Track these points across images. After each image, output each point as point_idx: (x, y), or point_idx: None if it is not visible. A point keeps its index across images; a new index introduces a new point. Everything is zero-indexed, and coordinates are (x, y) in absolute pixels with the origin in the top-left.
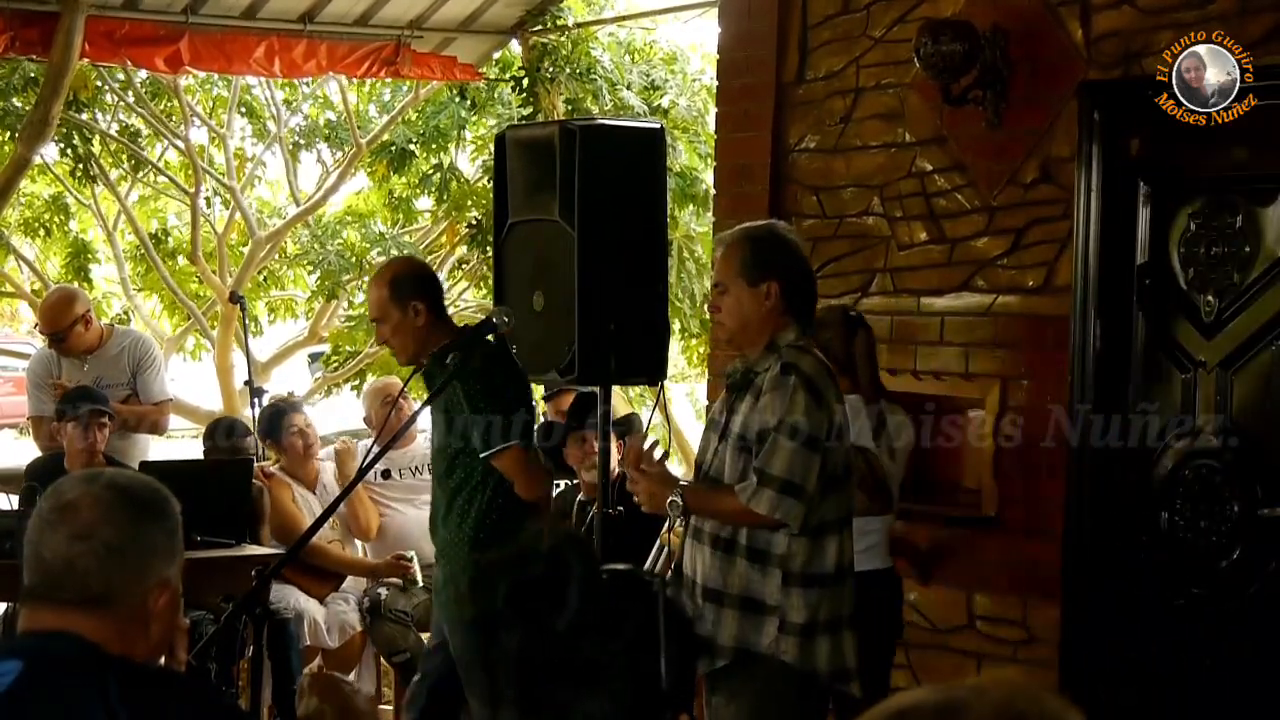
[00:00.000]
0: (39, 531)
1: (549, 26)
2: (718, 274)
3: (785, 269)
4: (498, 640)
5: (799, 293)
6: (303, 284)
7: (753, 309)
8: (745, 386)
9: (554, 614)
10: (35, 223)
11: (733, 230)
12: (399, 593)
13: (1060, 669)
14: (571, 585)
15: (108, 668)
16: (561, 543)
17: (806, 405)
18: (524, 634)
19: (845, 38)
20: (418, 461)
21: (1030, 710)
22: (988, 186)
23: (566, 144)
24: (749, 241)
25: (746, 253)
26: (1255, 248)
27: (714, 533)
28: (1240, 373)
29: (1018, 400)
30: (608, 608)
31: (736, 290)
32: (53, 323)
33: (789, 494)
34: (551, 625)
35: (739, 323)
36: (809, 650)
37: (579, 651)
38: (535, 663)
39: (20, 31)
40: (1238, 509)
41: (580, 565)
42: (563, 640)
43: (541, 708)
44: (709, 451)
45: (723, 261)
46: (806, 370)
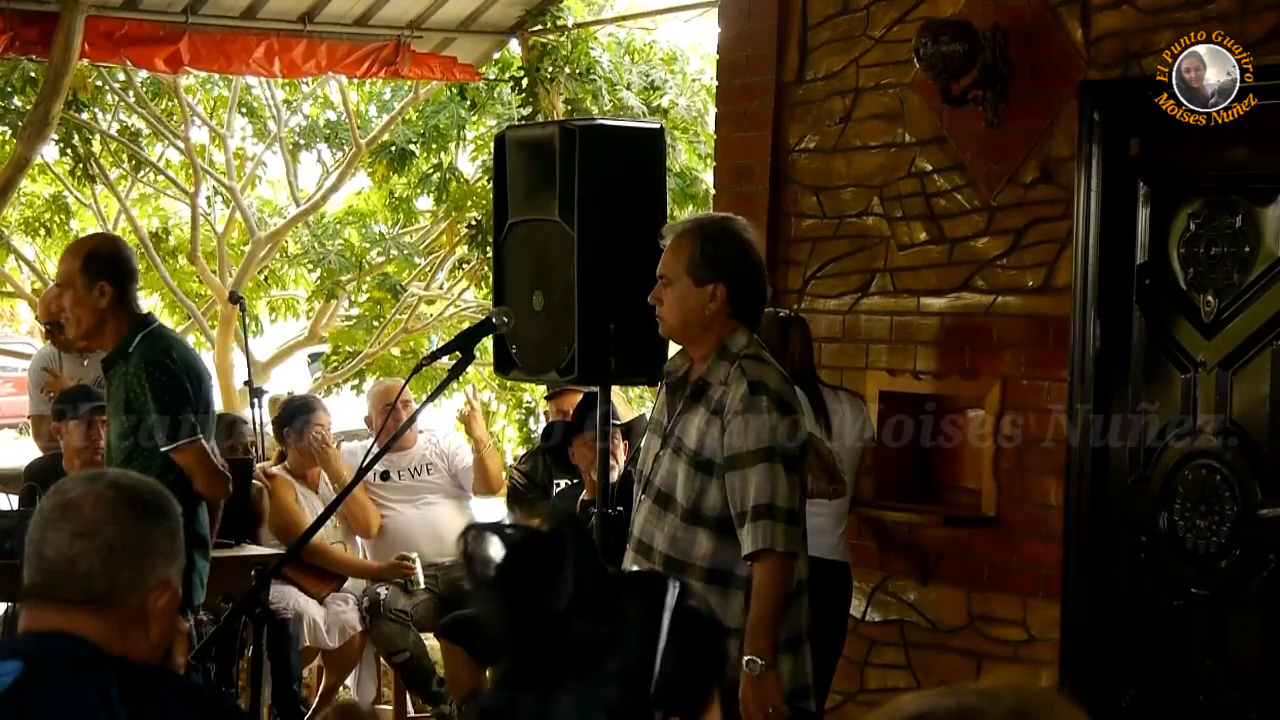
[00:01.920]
0: (41, 530)
1: (549, 26)
2: (664, 265)
3: (734, 272)
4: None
5: (747, 296)
6: (303, 284)
7: (695, 309)
8: (698, 396)
9: (546, 592)
10: (35, 222)
11: (684, 221)
12: (399, 593)
13: (1060, 669)
14: (566, 567)
15: (108, 668)
16: (561, 525)
17: (786, 427)
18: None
19: (845, 38)
20: (417, 463)
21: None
22: (987, 186)
23: (566, 144)
24: (700, 238)
25: (696, 249)
26: (1255, 248)
27: (665, 553)
28: (1240, 373)
29: (1018, 400)
30: (606, 595)
31: (681, 286)
32: (53, 311)
33: (794, 524)
34: (543, 603)
35: (680, 320)
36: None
37: (569, 634)
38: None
39: (20, 31)
40: (1238, 509)
41: (575, 544)
42: (552, 621)
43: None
44: (650, 456)
45: (671, 253)
46: (774, 386)
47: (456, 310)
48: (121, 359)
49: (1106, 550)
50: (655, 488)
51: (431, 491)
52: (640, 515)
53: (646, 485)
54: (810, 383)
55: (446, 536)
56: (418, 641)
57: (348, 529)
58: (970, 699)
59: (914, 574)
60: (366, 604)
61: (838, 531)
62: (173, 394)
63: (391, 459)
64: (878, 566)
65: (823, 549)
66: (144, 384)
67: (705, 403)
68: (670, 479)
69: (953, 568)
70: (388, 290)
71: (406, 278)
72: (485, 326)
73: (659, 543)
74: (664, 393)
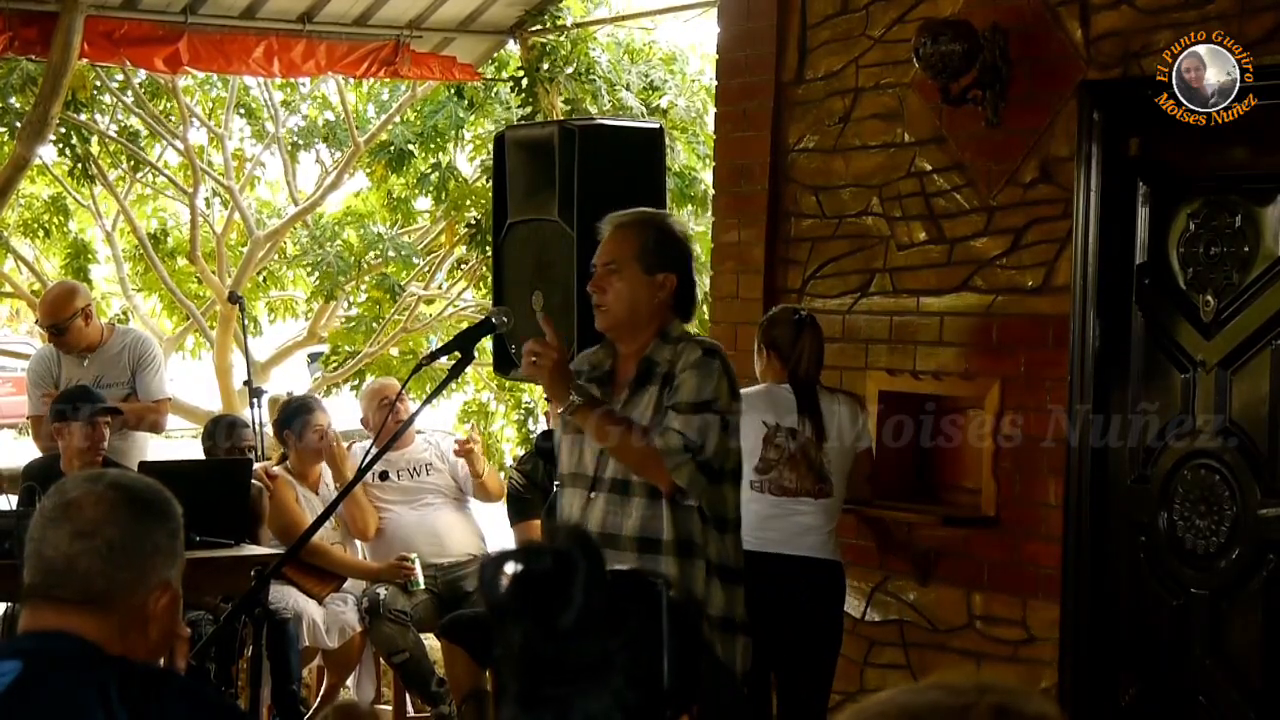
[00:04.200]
0: (41, 529)
1: (548, 26)
2: (609, 254)
3: (683, 263)
4: (503, 635)
5: (690, 289)
6: (302, 284)
7: (645, 298)
8: (645, 378)
9: (558, 610)
10: (35, 223)
11: (630, 212)
12: (399, 593)
13: (1060, 669)
14: (577, 582)
15: (108, 668)
16: (568, 539)
17: (730, 394)
18: (527, 630)
19: (844, 38)
20: (416, 463)
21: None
22: (987, 186)
23: (566, 144)
24: (654, 228)
25: (649, 239)
26: (1255, 248)
27: (635, 536)
28: (1240, 373)
29: (1017, 400)
30: (611, 606)
31: (631, 274)
32: (53, 314)
33: (707, 475)
34: (555, 622)
35: (628, 309)
36: (730, 646)
37: (582, 649)
38: (538, 659)
39: (19, 31)
40: (1237, 509)
41: (586, 562)
42: (566, 637)
43: (543, 705)
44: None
45: (618, 243)
46: (726, 360)
47: (455, 310)
48: None
49: (1106, 550)
50: (608, 480)
51: (431, 492)
52: (595, 512)
53: (594, 483)
54: (809, 386)
55: (446, 537)
56: (417, 641)
57: (346, 531)
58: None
59: (914, 574)
60: (366, 604)
61: (827, 530)
62: None
63: (390, 460)
64: (878, 566)
65: (812, 547)
66: None
67: (654, 379)
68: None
69: (952, 568)
70: (386, 290)
71: (405, 278)
72: (485, 326)
73: (627, 528)
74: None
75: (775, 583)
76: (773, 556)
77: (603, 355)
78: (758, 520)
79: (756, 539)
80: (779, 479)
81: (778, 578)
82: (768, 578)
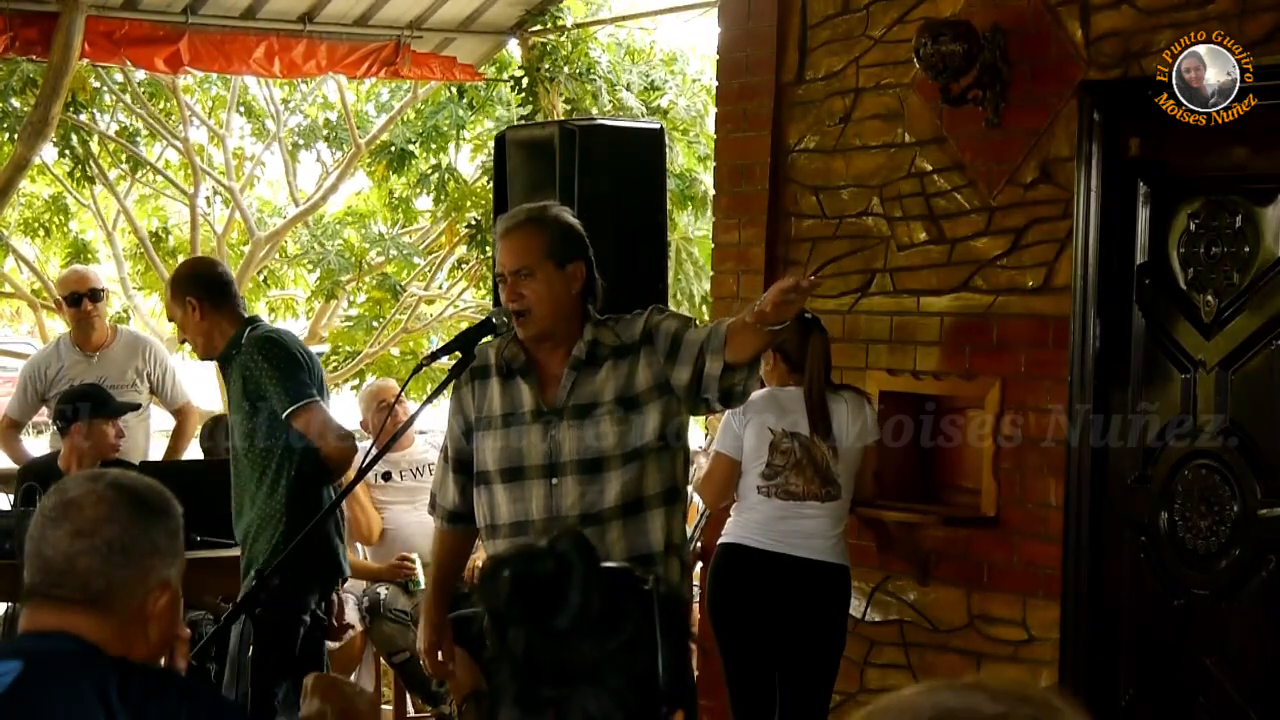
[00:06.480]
0: (41, 528)
1: (548, 27)
2: (518, 259)
3: (585, 249)
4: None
5: (594, 274)
6: (303, 284)
7: (564, 293)
8: (592, 359)
9: (555, 612)
10: (35, 223)
11: (520, 210)
12: (399, 593)
13: (1060, 669)
14: (573, 583)
15: (108, 668)
16: (564, 540)
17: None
18: (525, 632)
19: (845, 38)
20: (417, 464)
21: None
22: (987, 186)
23: (566, 144)
24: (548, 221)
25: (551, 232)
26: (1255, 248)
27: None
28: (1240, 373)
29: (1017, 400)
30: (607, 606)
31: (546, 273)
32: (79, 281)
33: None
34: (553, 623)
35: (552, 310)
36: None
37: (579, 650)
38: (536, 661)
39: (20, 31)
40: (1238, 509)
41: (582, 563)
42: (563, 639)
43: (542, 706)
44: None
45: (520, 244)
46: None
47: (456, 310)
48: (235, 350)
49: (1106, 550)
50: (571, 463)
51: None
52: (567, 497)
53: (553, 470)
54: (820, 394)
55: None
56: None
57: (348, 533)
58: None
59: (914, 574)
60: (366, 604)
61: (835, 533)
62: (286, 361)
63: (391, 460)
64: (878, 566)
65: (819, 551)
66: (258, 359)
67: (601, 354)
68: (593, 443)
69: (952, 568)
70: (387, 290)
71: (406, 278)
72: (485, 326)
73: (610, 498)
74: (486, 385)
75: (781, 583)
76: (780, 557)
77: (514, 348)
78: (765, 521)
79: (764, 538)
80: (785, 484)
81: (784, 579)
82: (774, 578)
